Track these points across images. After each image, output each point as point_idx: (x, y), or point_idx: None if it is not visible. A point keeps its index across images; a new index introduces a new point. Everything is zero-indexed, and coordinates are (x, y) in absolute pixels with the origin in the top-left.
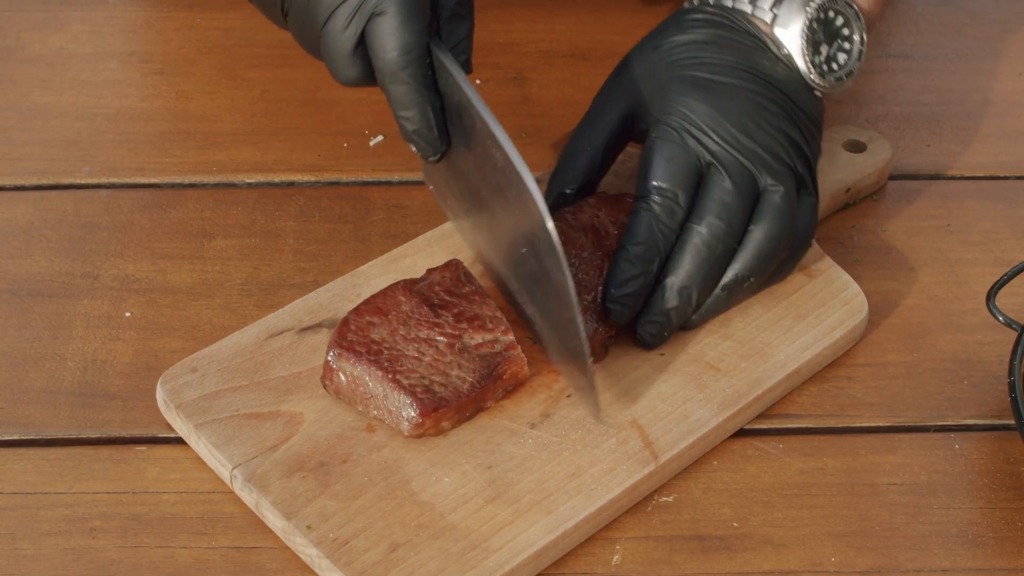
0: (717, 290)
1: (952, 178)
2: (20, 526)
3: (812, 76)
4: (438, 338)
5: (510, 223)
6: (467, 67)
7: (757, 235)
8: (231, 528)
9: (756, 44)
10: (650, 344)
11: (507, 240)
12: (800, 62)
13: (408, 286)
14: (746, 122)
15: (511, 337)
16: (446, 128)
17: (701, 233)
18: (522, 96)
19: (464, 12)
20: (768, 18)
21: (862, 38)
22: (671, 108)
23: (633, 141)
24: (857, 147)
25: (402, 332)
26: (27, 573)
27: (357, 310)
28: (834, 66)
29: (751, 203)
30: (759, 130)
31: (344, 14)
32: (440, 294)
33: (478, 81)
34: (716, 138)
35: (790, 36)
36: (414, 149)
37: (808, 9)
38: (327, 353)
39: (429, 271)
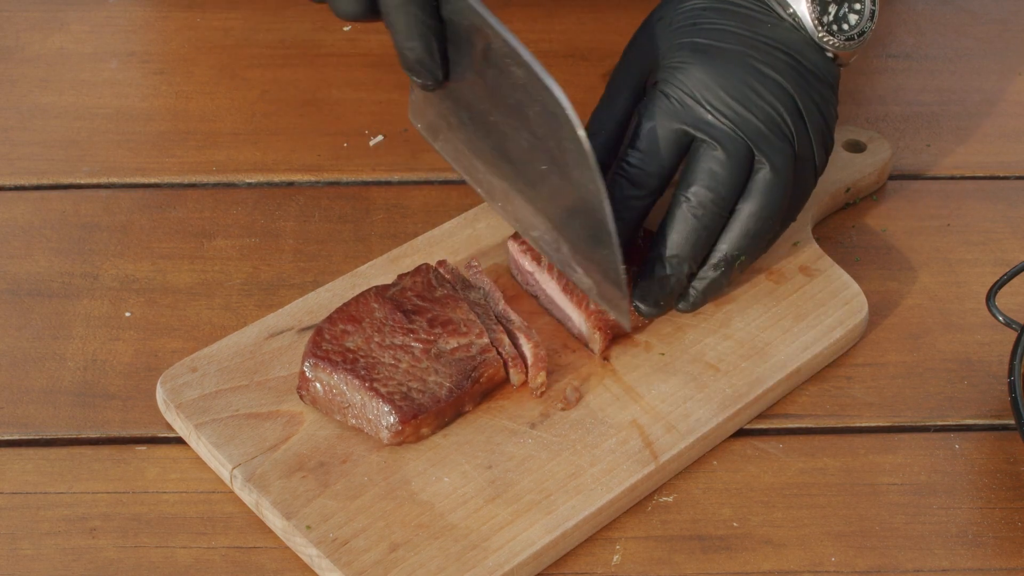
0: (709, 269)
1: (952, 178)
2: (20, 526)
3: (821, 35)
4: (413, 344)
5: (526, 143)
6: None
7: (745, 213)
8: (231, 528)
9: (759, 7)
10: (646, 314)
11: (521, 161)
12: (807, 20)
13: (380, 292)
14: (744, 90)
15: (486, 340)
16: (446, 55)
17: (688, 201)
18: None
19: None
20: None
21: None
22: (667, 75)
23: None
24: (857, 147)
25: (377, 339)
26: (27, 573)
27: (330, 319)
28: (844, 26)
29: (744, 175)
30: (758, 99)
31: None
32: (413, 299)
33: None
34: (709, 107)
35: None
36: (413, 78)
37: None
38: (302, 363)
39: (400, 276)
